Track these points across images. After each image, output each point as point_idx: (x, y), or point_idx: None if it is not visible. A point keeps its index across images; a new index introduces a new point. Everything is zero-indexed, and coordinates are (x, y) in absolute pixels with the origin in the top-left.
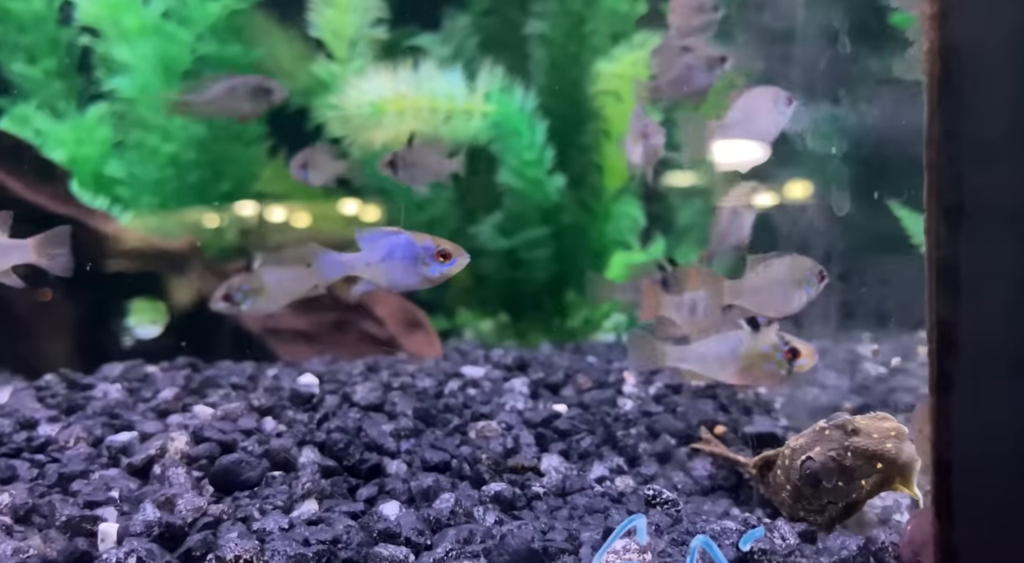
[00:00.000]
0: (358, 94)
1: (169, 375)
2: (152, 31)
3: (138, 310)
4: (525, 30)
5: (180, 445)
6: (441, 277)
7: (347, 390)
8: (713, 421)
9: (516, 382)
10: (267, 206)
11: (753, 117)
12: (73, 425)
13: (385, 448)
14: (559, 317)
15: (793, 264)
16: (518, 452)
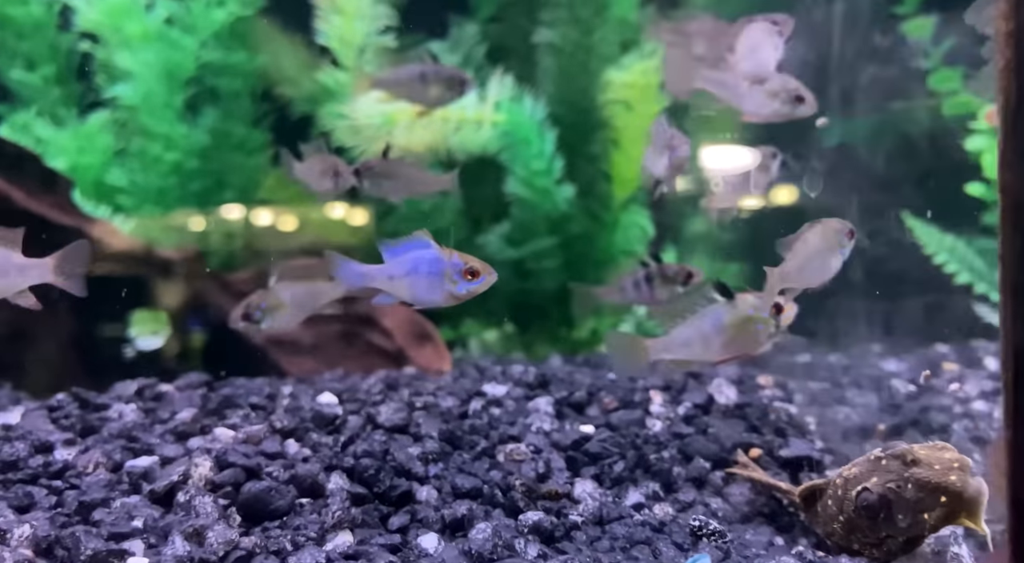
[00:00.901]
0: (369, 103)
1: (185, 395)
2: (155, 38)
3: (139, 321)
4: (534, 38)
5: (204, 471)
6: (468, 295)
7: (370, 411)
8: (747, 444)
9: (540, 401)
10: (270, 214)
11: (755, 51)
12: (91, 449)
13: (414, 473)
14: (566, 328)
15: (824, 232)
16: (550, 477)
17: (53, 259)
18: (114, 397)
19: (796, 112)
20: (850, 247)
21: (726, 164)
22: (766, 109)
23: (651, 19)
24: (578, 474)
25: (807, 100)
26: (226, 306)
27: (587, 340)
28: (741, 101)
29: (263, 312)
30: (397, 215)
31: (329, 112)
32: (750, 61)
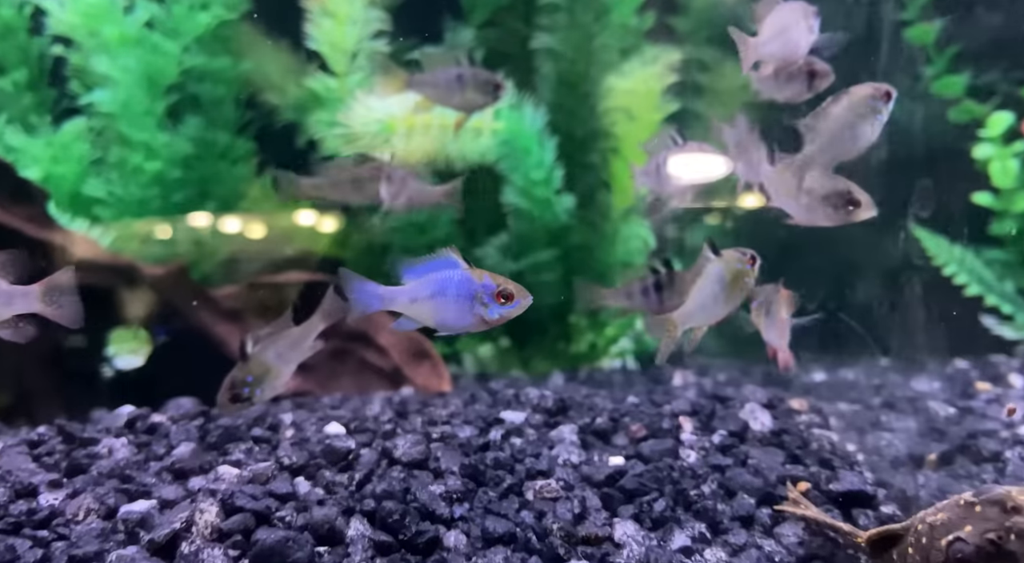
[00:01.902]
0: (365, 111)
1: (181, 426)
2: (134, 42)
3: (118, 339)
4: (532, 44)
5: (210, 517)
6: (500, 320)
7: (385, 444)
8: (792, 477)
9: (564, 430)
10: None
11: (785, 33)
12: (81, 492)
13: (438, 515)
14: (564, 342)
15: (852, 102)
16: (587, 517)
17: (41, 286)
18: (102, 430)
19: (852, 216)
20: (888, 110)
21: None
22: (819, 218)
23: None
24: (616, 514)
25: (863, 203)
26: (211, 324)
27: (586, 354)
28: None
29: (251, 385)
30: (389, 227)
31: (318, 120)
32: (778, 43)
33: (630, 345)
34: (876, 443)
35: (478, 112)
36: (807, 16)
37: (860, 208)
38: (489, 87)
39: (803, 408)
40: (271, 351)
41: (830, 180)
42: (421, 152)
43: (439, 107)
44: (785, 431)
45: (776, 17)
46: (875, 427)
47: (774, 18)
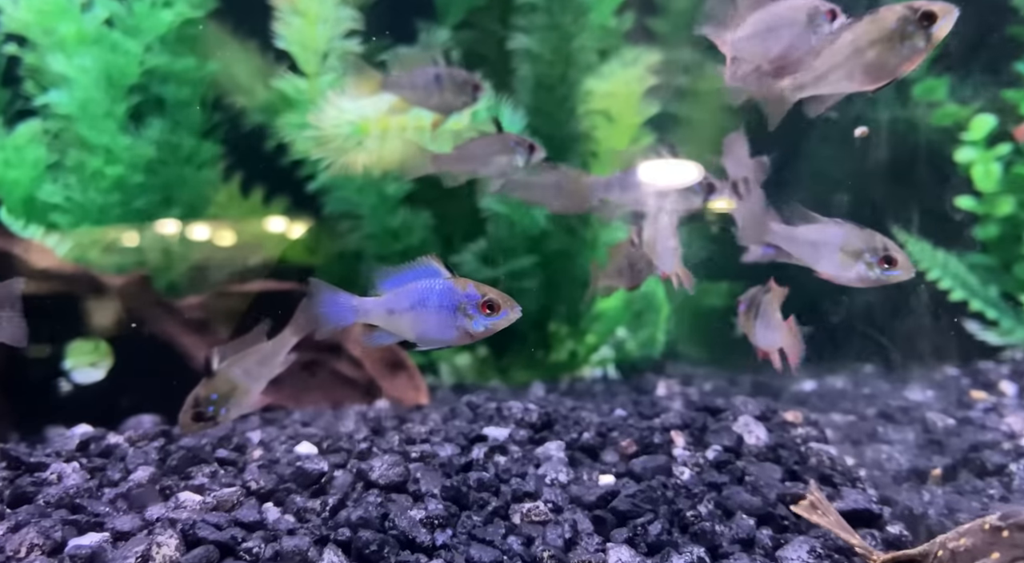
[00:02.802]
0: (336, 112)
1: (140, 449)
2: (93, 41)
3: (76, 352)
4: (509, 45)
5: (168, 551)
6: (485, 333)
7: (361, 465)
8: (793, 495)
9: (550, 447)
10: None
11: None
12: (23, 526)
13: (419, 543)
14: (543, 352)
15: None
16: (578, 543)
17: None
18: (51, 453)
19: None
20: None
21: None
22: (849, 275)
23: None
24: (609, 538)
25: (901, 263)
26: (175, 336)
27: (566, 363)
28: (814, 261)
29: (216, 403)
30: (362, 233)
31: (288, 122)
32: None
33: (611, 354)
34: (876, 457)
35: (456, 113)
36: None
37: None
38: (467, 88)
39: (798, 420)
40: (239, 367)
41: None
42: (395, 155)
43: (415, 109)
44: (781, 445)
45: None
46: (872, 439)
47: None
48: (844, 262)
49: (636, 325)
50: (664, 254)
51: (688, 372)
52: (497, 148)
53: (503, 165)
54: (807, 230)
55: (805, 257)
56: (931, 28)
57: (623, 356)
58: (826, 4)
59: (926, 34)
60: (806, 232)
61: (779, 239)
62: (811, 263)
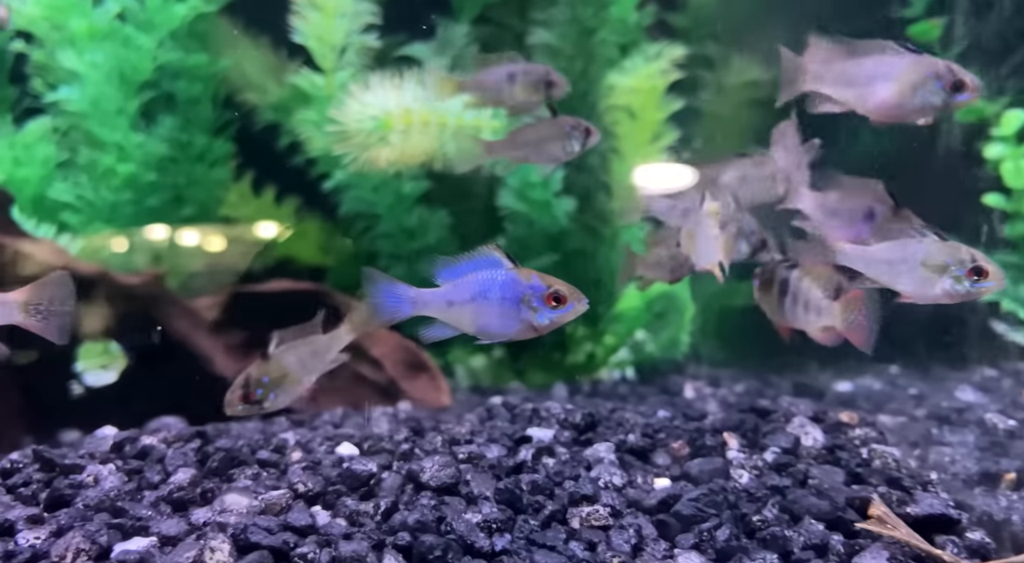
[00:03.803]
0: (360, 107)
1: (177, 450)
2: (104, 36)
3: (88, 354)
4: (528, 40)
5: (222, 556)
6: (551, 326)
7: (411, 467)
8: (861, 498)
9: (599, 448)
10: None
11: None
12: (67, 530)
13: (478, 548)
14: (560, 353)
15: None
16: (643, 549)
17: (22, 294)
18: (84, 455)
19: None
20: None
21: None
22: (934, 292)
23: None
24: (675, 544)
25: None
26: (190, 336)
27: (584, 365)
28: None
29: (266, 387)
30: (376, 232)
31: (304, 119)
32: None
33: (628, 355)
34: (939, 460)
35: (533, 110)
36: None
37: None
38: (540, 85)
39: (854, 421)
40: (293, 355)
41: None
42: (420, 151)
43: (437, 103)
44: (839, 447)
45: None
46: (930, 442)
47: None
48: (928, 278)
49: (658, 326)
50: (705, 248)
51: (713, 374)
52: (552, 133)
53: (558, 151)
54: (881, 249)
55: (882, 277)
56: (955, 95)
57: (642, 358)
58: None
59: (948, 97)
60: (880, 251)
61: (851, 261)
62: (890, 284)
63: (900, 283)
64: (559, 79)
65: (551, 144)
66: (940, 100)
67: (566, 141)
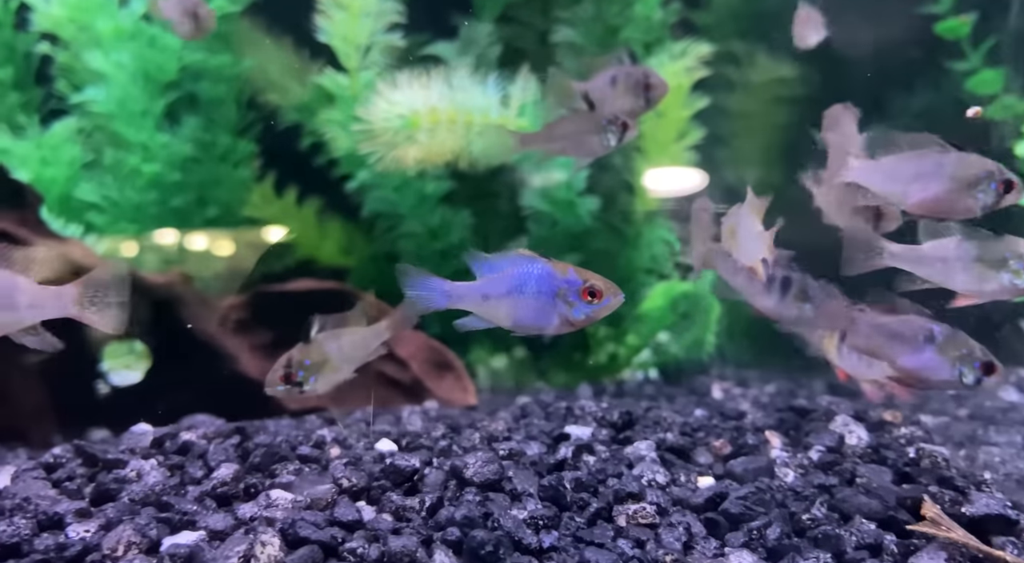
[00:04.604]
0: (387, 105)
1: (218, 446)
2: (130, 37)
3: (113, 353)
4: (552, 38)
5: (273, 550)
6: (586, 321)
7: (455, 463)
8: (912, 498)
9: (640, 446)
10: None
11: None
12: (116, 523)
13: (526, 545)
14: (581, 353)
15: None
16: (694, 547)
17: (76, 287)
18: (125, 450)
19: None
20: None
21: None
22: (992, 287)
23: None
24: (725, 542)
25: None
26: (216, 335)
27: (606, 366)
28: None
29: (307, 370)
30: (398, 232)
31: (328, 119)
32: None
33: (651, 356)
34: (988, 460)
35: (640, 115)
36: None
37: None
38: (640, 89)
39: (897, 420)
40: (334, 343)
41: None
42: (446, 149)
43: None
44: (885, 446)
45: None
46: (976, 442)
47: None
48: (984, 274)
49: (682, 326)
50: (747, 244)
51: (740, 374)
52: (588, 127)
53: (595, 145)
54: (932, 247)
55: (936, 277)
56: (1002, 195)
57: (665, 359)
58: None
59: (996, 195)
60: (932, 249)
61: (901, 262)
62: (945, 282)
63: (954, 281)
64: (658, 81)
65: (588, 138)
66: (992, 199)
67: (603, 135)
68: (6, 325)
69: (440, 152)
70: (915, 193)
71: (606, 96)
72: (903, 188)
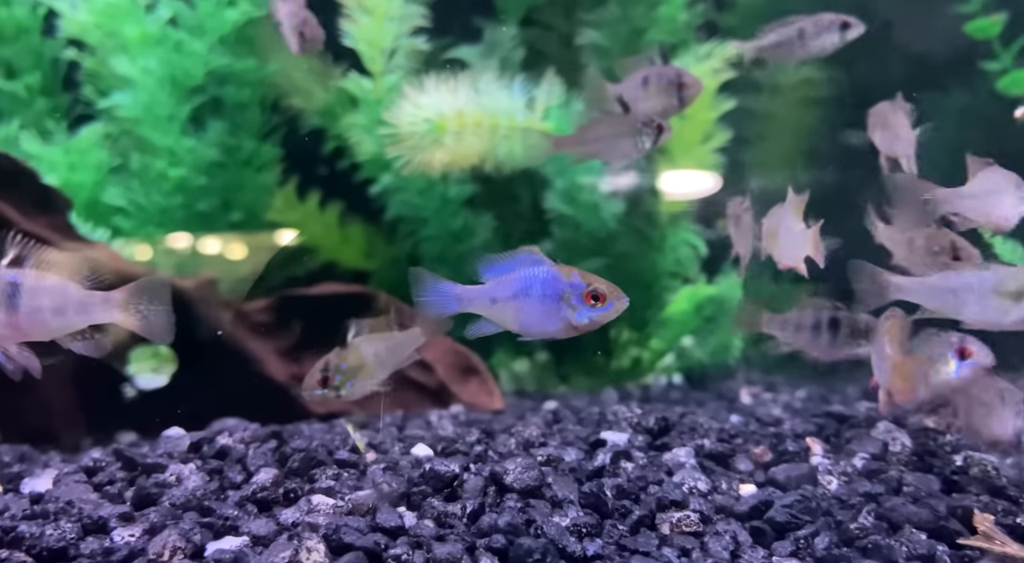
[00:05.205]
0: (414, 109)
1: (256, 450)
2: (157, 42)
3: (139, 357)
4: (577, 40)
5: (319, 557)
6: (590, 325)
7: (495, 468)
8: (963, 507)
9: (679, 453)
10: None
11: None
12: (160, 528)
13: (570, 552)
14: (606, 357)
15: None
16: (740, 556)
17: (123, 293)
18: (163, 454)
19: None
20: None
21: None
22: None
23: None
24: (772, 551)
25: None
26: (242, 340)
27: (629, 370)
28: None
29: (344, 375)
30: (422, 235)
31: (352, 123)
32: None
33: (674, 361)
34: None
35: (673, 114)
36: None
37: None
38: (672, 89)
39: (941, 427)
40: (370, 347)
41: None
42: (473, 152)
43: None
44: (929, 453)
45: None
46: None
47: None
48: (1002, 306)
49: (707, 331)
50: (789, 244)
51: (767, 379)
52: (623, 129)
53: (629, 147)
54: (941, 278)
55: (947, 308)
56: None
57: (689, 363)
58: None
59: None
60: (941, 280)
61: (908, 294)
62: (956, 314)
63: (967, 312)
64: (691, 80)
65: (622, 140)
66: None
67: (638, 137)
68: (55, 330)
69: (466, 155)
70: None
71: (638, 97)
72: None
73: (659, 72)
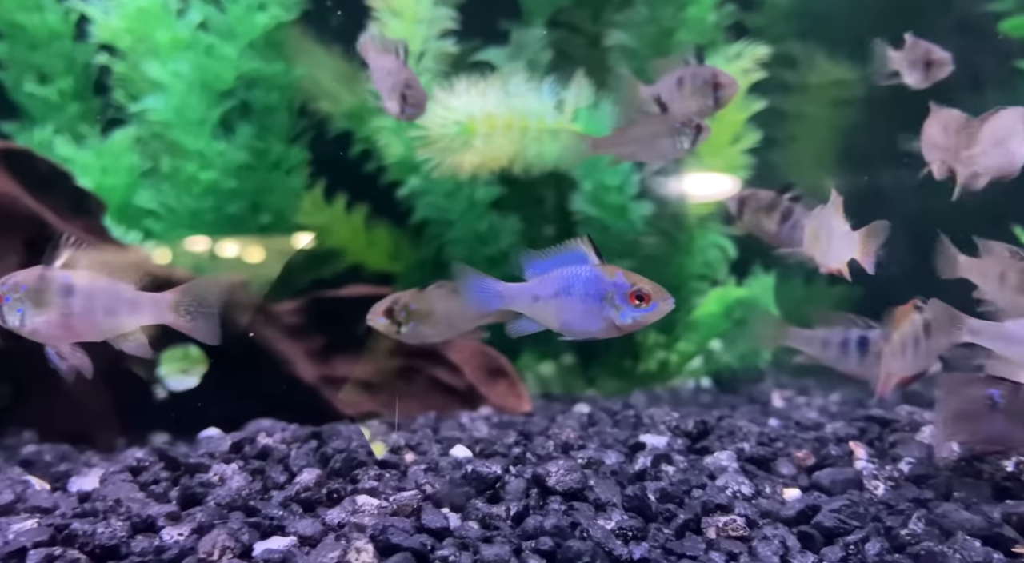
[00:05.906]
0: (444, 111)
1: (298, 451)
2: (187, 46)
3: (169, 359)
4: (605, 42)
5: (368, 558)
6: (633, 326)
7: (537, 470)
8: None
9: (720, 457)
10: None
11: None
12: (208, 528)
13: (616, 555)
14: (631, 360)
15: None
16: (789, 562)
17: (173, 295)
18: (204, 454)
19: None
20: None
21: None
22: None
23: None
24: (822, 557)
25: None
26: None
27: (656, 373)
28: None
29: (409, 314)
30: (448, 238)
31: (381, 125)
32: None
33: (702, 364)
34: None
35: (709, 114)
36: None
37: None
38: (707, 89)
39: None
40: (444, 300)
41: None
42: (503, 154)
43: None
44: (978, 458)
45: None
46: None
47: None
48: None
49: (736, 333)
50: (832, 245)
51: (798, 383)
52: (661, 129)
53: (668, 148)
54: (1015, 326)
55: (1021, 358)
56: None
57: (717, 366)
58: None
59: None
60: (1015, 328)
61: (980, 338)
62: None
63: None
64: (727, 79)
65: (661, 141)
66: None
67: (676, 137)
68: (107, 330)
69: (496, 158)
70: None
71: (673, 98)
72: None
73: (694, 72)
